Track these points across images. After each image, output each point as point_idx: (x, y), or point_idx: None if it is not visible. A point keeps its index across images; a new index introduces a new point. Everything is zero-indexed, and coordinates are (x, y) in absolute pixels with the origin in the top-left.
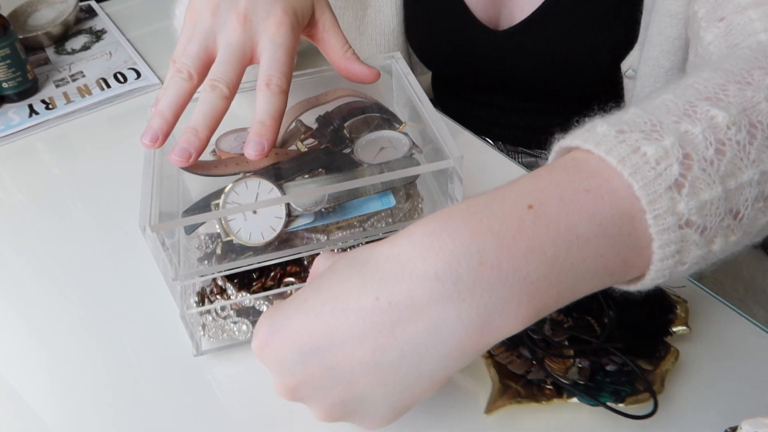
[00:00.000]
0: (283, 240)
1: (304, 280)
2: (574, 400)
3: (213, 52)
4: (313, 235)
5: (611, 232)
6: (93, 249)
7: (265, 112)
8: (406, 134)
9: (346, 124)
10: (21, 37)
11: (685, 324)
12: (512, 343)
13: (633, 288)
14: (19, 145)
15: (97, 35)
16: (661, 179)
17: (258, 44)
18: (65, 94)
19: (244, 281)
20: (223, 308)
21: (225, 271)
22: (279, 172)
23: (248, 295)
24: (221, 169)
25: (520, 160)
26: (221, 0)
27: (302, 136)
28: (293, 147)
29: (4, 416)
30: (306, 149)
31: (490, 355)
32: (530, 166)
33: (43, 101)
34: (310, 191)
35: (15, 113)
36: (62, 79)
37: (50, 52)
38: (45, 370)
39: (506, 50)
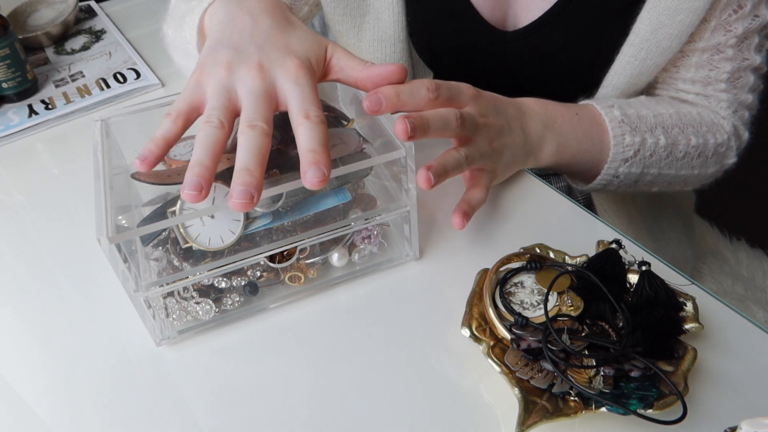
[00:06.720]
0: (244, 242)
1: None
2: (603, 410)
3: (237, 103)
4: (273, 235)
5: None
6: (92, 249)
7: (313, 140)
8: (355, 130)
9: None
10: (21, 37)
11: (697, 321)
12: (532, 357)
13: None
14: (19, 146)
15: (97, 35)
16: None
17: (281, 88)
18: (65, 94)
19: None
20: (185, 289)
21: (186, 279)
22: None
23: (206, 272)
24: (174, 178)
25: None
26: (232, 56)
27: None
28: None
29: (3, 415)
30: None
31: (510, 370)
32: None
33: (43, 101)
34: (267, 190)
35: (14, 113)
36: (62, 79)
37: (50, 52)
38: (44, 370)
39: (516, 51)
